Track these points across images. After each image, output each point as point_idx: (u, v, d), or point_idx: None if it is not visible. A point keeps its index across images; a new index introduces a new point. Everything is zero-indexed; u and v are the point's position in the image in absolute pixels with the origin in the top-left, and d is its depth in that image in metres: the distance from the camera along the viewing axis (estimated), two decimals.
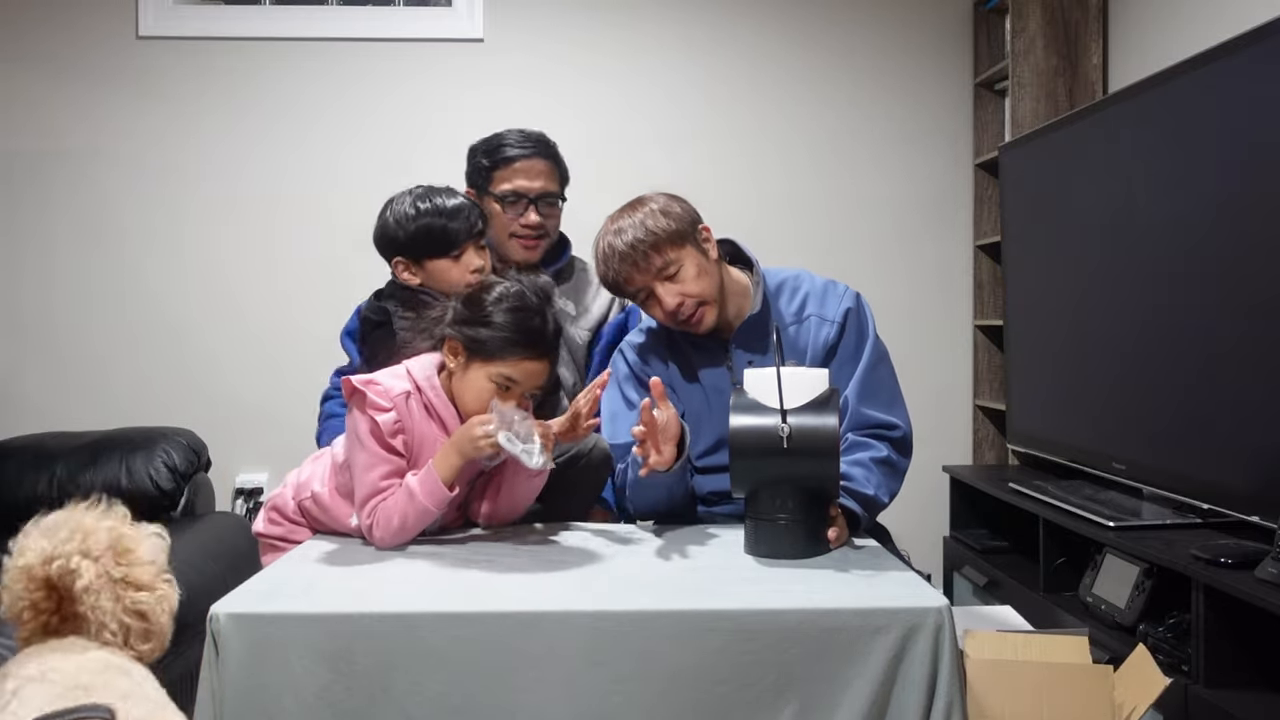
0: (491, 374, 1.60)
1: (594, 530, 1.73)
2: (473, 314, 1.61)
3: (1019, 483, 2.75)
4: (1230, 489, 2.06)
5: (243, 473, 3.44)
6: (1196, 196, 2.15)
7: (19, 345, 3.46)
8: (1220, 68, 2.06)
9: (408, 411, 1.61)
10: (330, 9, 3.48)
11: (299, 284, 3.47)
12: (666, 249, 1.79)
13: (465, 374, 1.62)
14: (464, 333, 1.61)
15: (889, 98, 3.55)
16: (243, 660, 1.24)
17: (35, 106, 3.44)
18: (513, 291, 1.63)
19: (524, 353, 1.60)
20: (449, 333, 1.62)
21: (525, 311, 1.62)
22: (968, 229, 3.55)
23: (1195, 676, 1.88)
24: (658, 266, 1.79)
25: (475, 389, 1.61)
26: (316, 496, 1.67)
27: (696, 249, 1.82)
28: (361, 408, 1.59)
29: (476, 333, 1.60)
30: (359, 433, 1.59)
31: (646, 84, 3.53)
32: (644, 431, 1.61)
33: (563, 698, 1.25)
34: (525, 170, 2.24)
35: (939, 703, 1.27)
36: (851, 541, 1.64)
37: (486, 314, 1.60)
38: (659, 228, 1.79)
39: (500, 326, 1.59)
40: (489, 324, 1.60)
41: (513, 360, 1.60)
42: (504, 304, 1.61)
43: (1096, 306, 2.57)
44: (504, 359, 1.60)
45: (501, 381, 1.60)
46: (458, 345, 1.62)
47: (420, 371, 1.65)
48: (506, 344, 1.59)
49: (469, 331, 1.61)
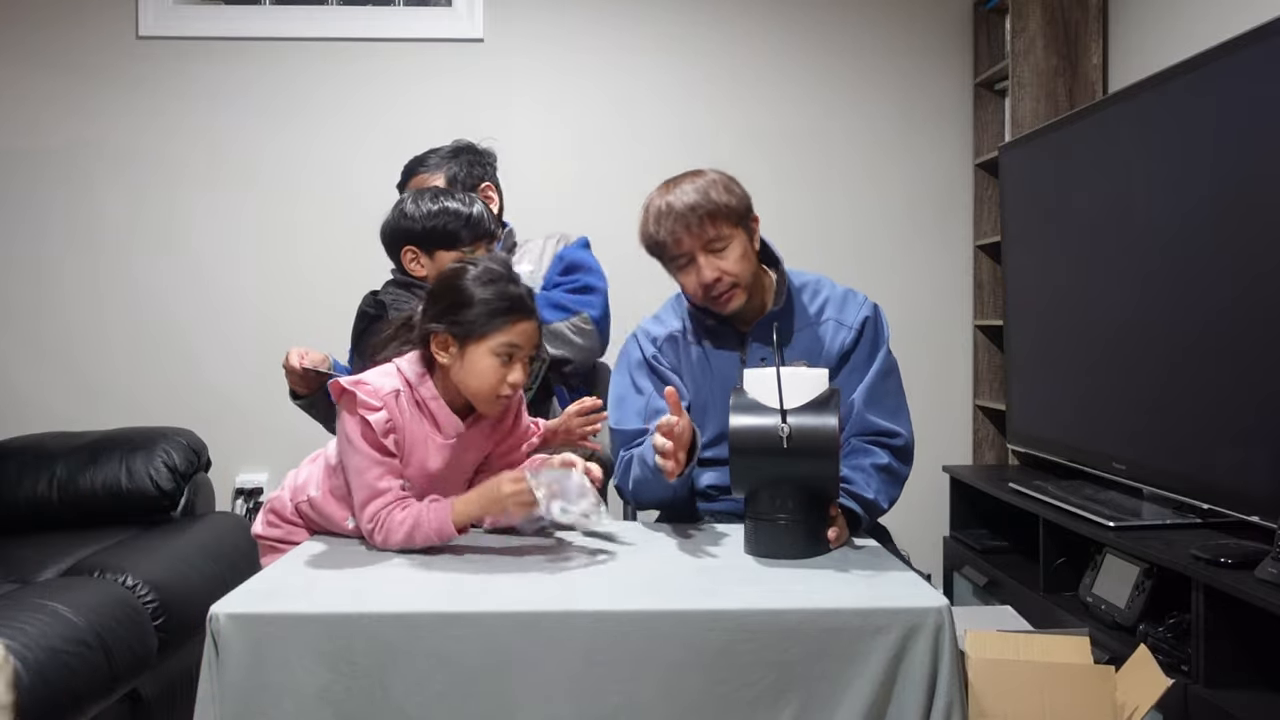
0: (493, 347, 1.60)
1: (594, 530, 1.73)
2: (452, 301, 1.61)
3: (1019, 483, 2.75)
4: (1230, 489, 2.06)
5: (243, 473, 3.44)
6: (1196, 196, 2.15)
7: (19, 345, 3.46)
8: (1220, 68, 2.06)
9: (398, 409, 1.60)
10: (330, 9, 3.48)
11: (299, 283, 3.47)
12: (722, 222, 1.80)
13: (463, 361, 1.61)
14: (449, 321, 1.61)
15: (889, 98, 3.55)
16: (243, 660, 1.24)
17: (35, 106, 3.44)
18: (481, 268, 1.64)
19: (516, 315, 1.61)
20: (432, 329, 1.62)
21: (501, 280, 1.62)
22: (968, 229, 3.55)
23: (1195, 676, 1.88)
24: (709, 236, 1.80)
25: (479, 370, 1.60)
26: (313, 501, 1.67)
27: (745, 233, 1.85)
28: (351, 409, 1.58)
29: (462, 316, 1.60)
30: (350, 435, 1.59)
31: (646, 84, 3.53)
32: (671, 449, 1.60)
33: (563, 698, 1.24)
34: (425, 179, 2.30)
35: (939, 702, 1.27)
36: (851, 541, 1.64)
37: (467, 295, 1.60)
38: (721, 200, 1.81)
39: (485, 301, 1.60)
40: (472, 303, 1.60)
41: (508, 326, 1.60)
42: (479, 280, 1.62)
43: (1096, 306, 2.57)
44: (500, 328, 1.60)
45: (504, 351, 1.60)
46: (445, 338, 1.62)
47: (410, 368, 1.64)
48: (497, 313, 1.60)
49: (454, 318, 1.60)
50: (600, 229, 2.47)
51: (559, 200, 3.31)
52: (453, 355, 1.61)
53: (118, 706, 2.10)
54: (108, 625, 2.04)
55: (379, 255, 2.11)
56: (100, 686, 1.97)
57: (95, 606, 2.07)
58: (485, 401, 1.64)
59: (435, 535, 1.55)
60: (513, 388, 1.62)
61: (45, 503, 2.80)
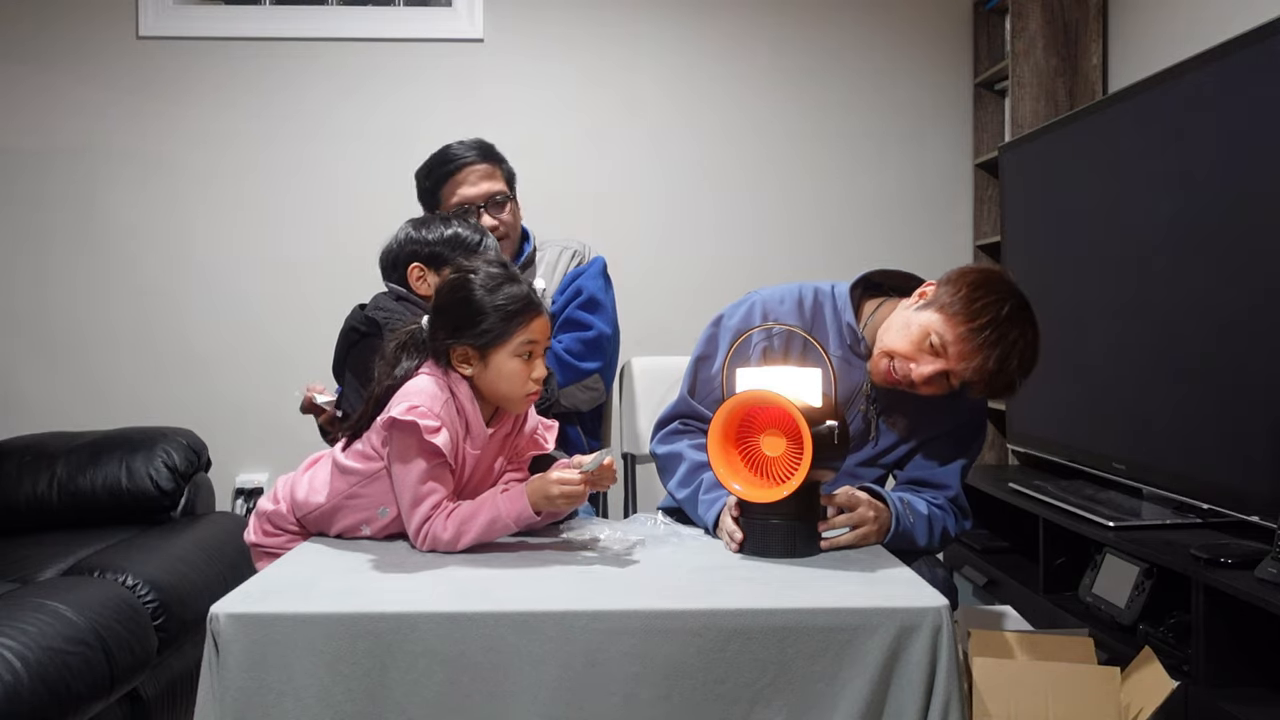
0: (514, 349, 1.62)
1: (594, 530, 1.73)
2: (464, 315, 1.62)
3: (1019, 483, 2.75)
4: (1230, 489, 2.06)
5: (243, 473, 3.44)
6: (1196, 196, 2.15)
7: (19, 345, 3.46)
8: (1220, 68, 2.06)
9: (449, 420, 1.61)
10: (330, 9, 3.48)
11: (299, 283, 3.47)
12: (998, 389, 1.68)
13: (487, 369, 1.63)
14: (467, 337, 1.61)
15: (889, 98, 3.55)
16: (243, 660, 1.24)
17: (35, 106, 3.44)
18: (483, 274, 1.64)
19: (530, 313, 1.63)
20: (450, 344, 1.63)
21: (506, 282, 1.63)
22: (968, 229, 3.55)
23: (1195, 676, 1.88)
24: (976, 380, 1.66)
25: (506, 373, 1.62)
26: (322, 510, 1.65)
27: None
28: (416, 437, 1.56)
29: (479, 326, 1.60)
30: (417, 463, 1.57)
31: (645, 84, 3.53)
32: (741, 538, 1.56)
33: (562, 698, 1.24)
34: (466, 179, 2.25)
35: (936, 702, 1.26)
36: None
37: (479, 305, 1.61)
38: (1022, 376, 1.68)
39: (498, 307, 1.61)
40: (486, 312, 1.60)
41: (524, 325, 1.62)
42: (486, 287, 1.62)
43: (1096, 306, 2.57)
44: (518, 329, 1.62)
45: (525, 350, 1.62)
46: (465, 350, 1.62)
47: (443, 378, 1.64)
48: (512, 316, 1.61)
49: (472, 330, 1.61)
50: (601, 229, 2.48)
51: (559, 201, 3.31)
52: (476, 366, 1.63)
53: (118, 706, 2.10)
54: (108, 625, 2.04)
55: (379, 254, 2.11)
56: (100, 686, 1.97)
57: (95, 606, 2.06)
58: (516, 401, 1.66)
59: (515, 522, 1.56)
60: (536, 383, 1.65)
61: (45, 503, 2.80)
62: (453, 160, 2.26)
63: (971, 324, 1.63)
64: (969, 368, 1.64)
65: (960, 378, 1.66)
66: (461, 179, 2.25)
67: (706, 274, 3.47)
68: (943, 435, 1.83)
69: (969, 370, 1.65)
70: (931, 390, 1.69)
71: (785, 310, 1.83)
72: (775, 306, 1.84)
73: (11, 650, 1.80)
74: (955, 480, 1.81)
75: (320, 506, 1.64)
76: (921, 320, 1.69)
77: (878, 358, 1.74)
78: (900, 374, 1.70)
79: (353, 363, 1.95)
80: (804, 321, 1.82)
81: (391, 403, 1.59)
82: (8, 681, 1.75)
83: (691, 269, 3.50)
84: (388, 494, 1.61)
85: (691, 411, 1.87)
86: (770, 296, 1.87)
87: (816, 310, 1.84)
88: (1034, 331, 1.68)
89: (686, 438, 1.86)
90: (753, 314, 1.85)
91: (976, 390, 1.69)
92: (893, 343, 1.71)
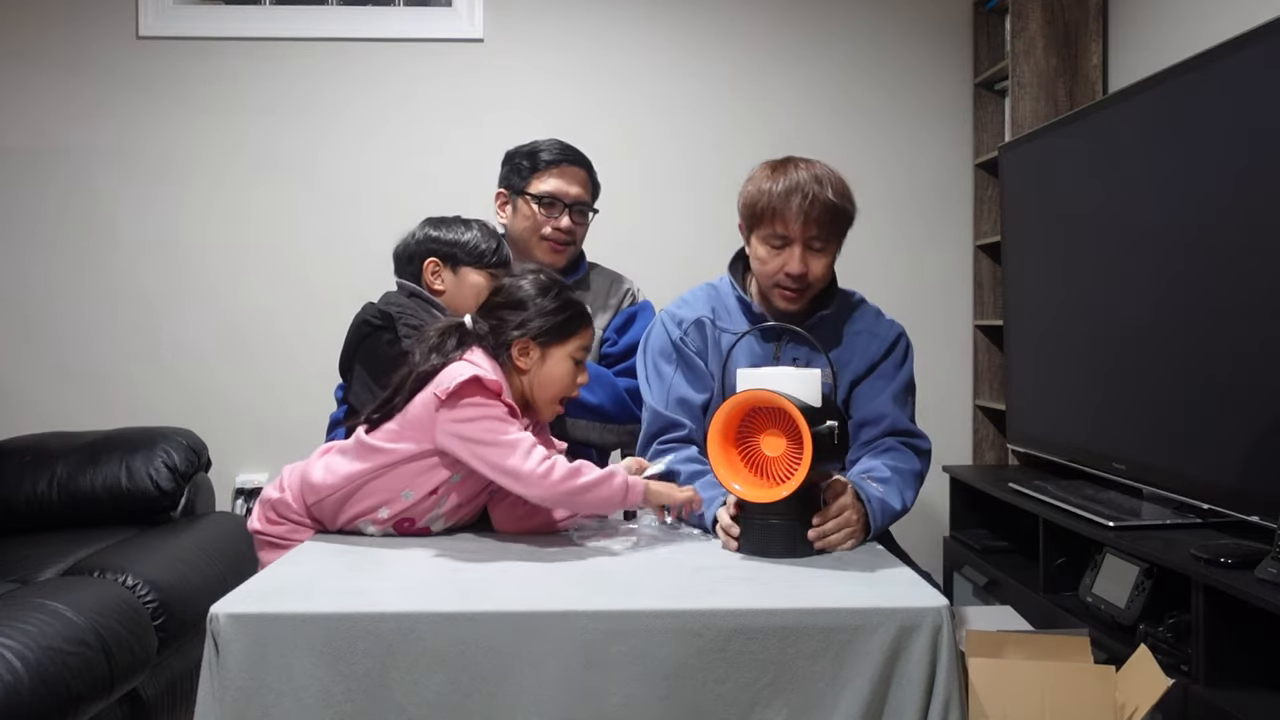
0: (571, 352, 1.68)
1: (594, 530, 1.73)
2: (541, 306, 1.67)
3: (1019, 483, 2.75)
4: (1230, 489, 2.06)
5: (243, 473, 3.44)
6: (1196, 196, 2.15)
7: (19, 345, 3.46)
8: (1220, 68, 2.06)
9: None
10: (330, 9, 3.48)
11: (299, 283, 3.47)
12: (835, 229, 1.83)
13: (544, 365, 1.67)
14: (535, 329, 1.65)
15: (889, 98, 3.55)
16: (243, 660, 1.24)
17: (35, 105, 3.44)
18: (548, 278, 1.71)
19: (588, 322, 1.71)
20: (516, 335, 1.65)
21: (565, 289, 1.71)
22: (968, 229, 3.55)
23: (1195, 676, 1.88)
24: (815, 234, 1.81)
25: (557, 374, 1.68)
26: (339, 493, 1.63)
27: (838, 248, 1.88)
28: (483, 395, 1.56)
29: (555, 319, 1.66)
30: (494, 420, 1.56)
31: (645, 84, 3.53)
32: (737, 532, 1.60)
33: (562, 698, 1.25)
34: (564, 175, 2.29)
35: (936, 702, 1.27)
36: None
37: (555, 301, 1.67)
38: (846, 206, 1.83)
39: (563, 307, 1.68)
40: (556, 310, 1.67)
41: (583, 330, 1.70)
42: (550, 292, 1.68)
43: (1096, 306, 2.57)
44: (578, 333, 1.69)
45: (579, 354, 1.69)
46: (527, 343, 1.65)
47: (491, 366, 1.65)
48: (575, 318, 1.69)
49: (543, 325, 1.65)
50: (600, 229, 2.47)
51: None
52: (533, 360, 1.66)
53: (118, 706, 2.10)
54: (108, 625, 2.04)
55: (379, 254, 2.11)
56: (100, 686, 1.97)
57: (95, 606, 2.07)
58: (551, 405, 1.71)
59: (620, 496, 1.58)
60: (573, 390, 1.71)
61: (45, 503, 2.81)
62: (562, 154, 2.30)
63: (775, 184, 1.80)
64: (806, 203, 1.77)
65: (814, 222, 1.78)
66: (561, 173, 2.28)
67: (706, 273, 3.46)
68: (867, 373, 1.90)
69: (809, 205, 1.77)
70: (820, 264, 1.82)
71: (690, 312, 1.96)
72: (680, 308, 1.97)
73: (11, 650, 1.81)
74: (890, 408, 1.86)
75: (337, 489, 1.63)
76: (755, 236, 1.86)
77: (766, 294, 1.88)
78: (789, 283, 1.82)
79: (363, 355, 1.96)
80: (710, 313, 1.94)
81: (441, 379, 1.58)
82: (8, 681, 1.75)
83: (691, 268, 3.49)
84: (411, 478, 1.61)
85: (665, 425, 1.88)
86: (674, 304, 2.01)
87: (717, 300, 1.97)
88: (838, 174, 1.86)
89: (670, 455, 1.86)
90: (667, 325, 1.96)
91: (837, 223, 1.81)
92: (759, 270, 1.86)
